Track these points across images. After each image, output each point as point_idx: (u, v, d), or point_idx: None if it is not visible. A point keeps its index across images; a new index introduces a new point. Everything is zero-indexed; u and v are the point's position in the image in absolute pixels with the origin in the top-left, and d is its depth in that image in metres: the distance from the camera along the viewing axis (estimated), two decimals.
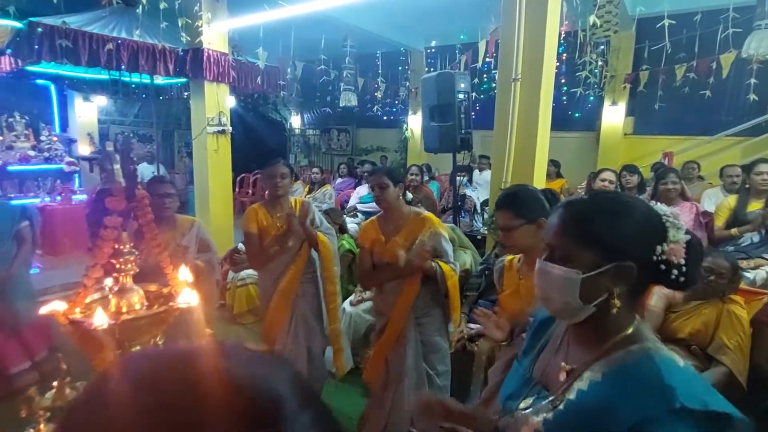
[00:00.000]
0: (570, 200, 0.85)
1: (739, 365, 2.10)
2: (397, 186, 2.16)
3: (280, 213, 2.42)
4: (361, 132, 10.43)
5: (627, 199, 0.82)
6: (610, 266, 0.75)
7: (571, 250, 0.78)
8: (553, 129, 3.51)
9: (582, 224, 0.79)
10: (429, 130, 3.81)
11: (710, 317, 2.21)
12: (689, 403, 0.67)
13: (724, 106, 6.75)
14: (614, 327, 0.78)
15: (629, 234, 0.76)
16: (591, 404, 0.75)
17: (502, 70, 3.36)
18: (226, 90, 5.32)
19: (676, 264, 0.75)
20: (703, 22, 4.53)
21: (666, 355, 0.75)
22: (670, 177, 3.37)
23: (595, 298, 0.76)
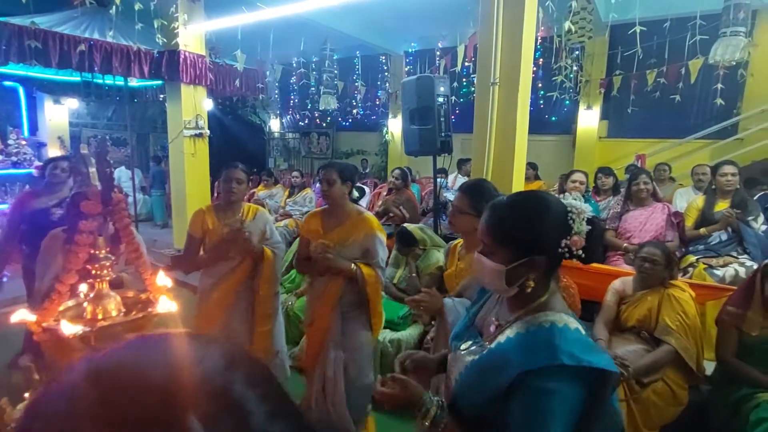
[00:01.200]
0: (493, 204, 1.00)
1: (683, 343, 2.20)
2: (345, 183, 2.18)
3: (230, 219, 2.36)
4: (342, 135, 10.41)
5: (539, 202, 0.97)
6: (525, 260, 0.94)
7: (495, 247, 0.97)
8: (530, 132, 3.57)
9: (501, 227, 0.96)
10: (409, 133, 3.83)
11: (653, 303, 2.33)
12: (566, 360, 0.83)
13: (693, 110, 7.00)
14: (532, 296, 0.98)
15: (540, 234, 0.94)
16: (501, 354, 0.94)
17: (481, 74, 3.40)
18: (204, 92, 5.25)
19: (575, 253, 0.93)
20: (672, 29, 4.68)
21: (562, 321, 0.92)
22: (642, 178, 3.46)
23: (516, 282, 0.96)
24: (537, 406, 0.84)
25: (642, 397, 2.20)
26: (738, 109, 6.94)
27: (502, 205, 0.99)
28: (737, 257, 3.02)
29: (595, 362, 0.84)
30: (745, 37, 4.28)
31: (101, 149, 1.07)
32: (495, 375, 0.91)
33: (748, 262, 2.96)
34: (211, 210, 2.40)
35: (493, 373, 0.92)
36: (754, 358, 2.14)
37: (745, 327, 2.14)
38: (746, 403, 2.05)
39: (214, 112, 7.08)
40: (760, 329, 2.12)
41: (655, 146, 7.22)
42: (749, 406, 2.03)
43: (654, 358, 2.23)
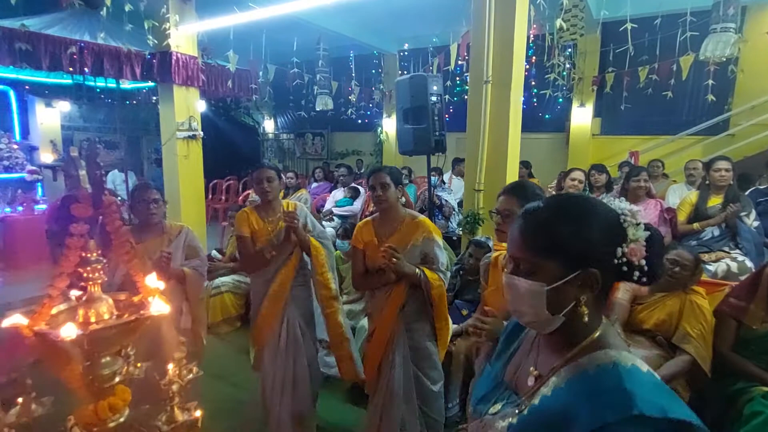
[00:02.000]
0: (528, 209, 0.82)
1: (701, 352, 2.18)
2: (398, 187, 2.13)
3: (272, 217, 2.40)
4: (336, 136, 10.40)
5: (585, 203, 0.80)
6: (574, 275, 0.75)
7: (534, 262, 0.78)
8: (524, 130, 3.59)
9: (542, 235, 0.78)
10: (403, 133, 3.82)
11: (674, 308, 2.29)
12: (647, 410, 0.66)
13: (684, 107, 7.06)
14: (581, 332, 0.78)
15: (590, 240, 0.75)
16: (553, 410, 0.75)
17: (474, 72, 3.42)
18: (196, 94, 5.22)
19: (637, 265, 0.75)
20: (663, 25, 4.72)
21: (629, 361, 0.74)
22: (642, 175, 3.51)
23: (563, 308, 0.76)
24: None
25: None
26: (729, 105, 7.00)
27: (541, 210, 0.80)
28: (729, 252, 3.05)
29: (682, 413, 0.66)
30: (735, 33, 4.31)
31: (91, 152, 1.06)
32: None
33: (740, 257, 2.99)
34: (253, 211, 2.44)
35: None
36: (750, 352, 2.14)
37: (747, 320, 2.14)
38: (741, 397, 2.06)
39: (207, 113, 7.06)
40: (760, 323, 2.13)
41: (648, 143, 7.27)
42: (744, 400, 2.04)
43: (675, 369, 2.17)
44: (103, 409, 1.12)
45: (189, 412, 1.19)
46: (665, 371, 2.16)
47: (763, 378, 2.06)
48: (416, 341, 2.14)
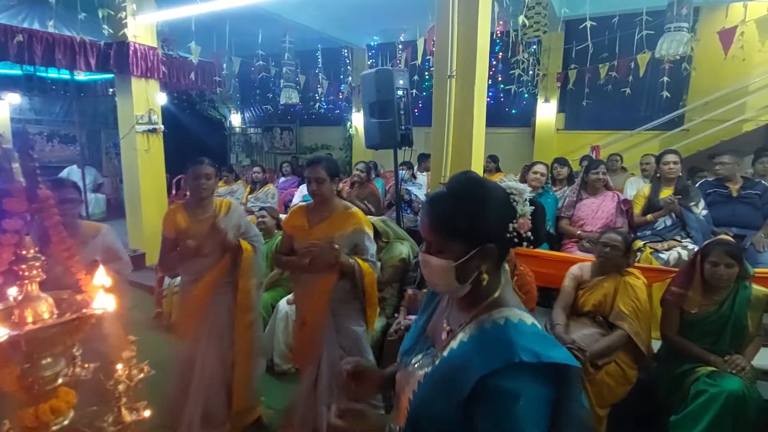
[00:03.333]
0: (432, 197, 0.94)
1: (634, 328, 2.31)
2: (333, 180, 2.14)
3: (202, 216, 2.31)
4: (305, 130, 10.27)
5: (480, 189, 0.91)
6: (476, 251, 0.87)
7: (441, 243, 0.90)
8: (491, 125, 3.64)
9: (446, 221, 0.89)
10: (369, 127, 3.82)
11: (610, 289, 2.44)
12: (525, 357, 0.77)
13: (642, 103, 7.33)
14: (484, 293, 0.91)
15: (487, 222, 0.88)
16: (456, 361, 0.86)
17: (438, 66, 3.43)
18: (156, 86, 5.04)
19: (524, 236, 0.89)
20: (621, 24, 4.87)
21: (517, 316, 0.87)
22: (601, 168, 3.64)
23: (468, 278, 0.89)
24: (503, 412, 0.77)
25: (596, 379, 2.29)
26: (684, 101, 7.32)
27: (444, 197, 0.91)
28: (680, 241, 3.19)
29: (555, 357, 0.78)
30: (688, 33, 4.48)
31: (24, 143, 1.01)
32: (452, 386, 0.82)
33: (690, 245, 3.14)
34: (181, 208, 2.34)
35: (450, 384, 0.83)
36: (694, 335, 2.27)
37: (686, 305, 2.27)
38: (688, 377, 2.18)
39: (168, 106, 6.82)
40: (699, 307, 2.25)
41: (608, 137, 7.51)
42: (690, 380, 2.16)
43: (608, 343, 2.32)
44: (45, 412, 1.07)
45: (137, 412, 1.15)
46: (602, 344, 2.30)
47: (707, 358, 2.18)
48: (343, 326, 2.19)
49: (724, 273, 2.18)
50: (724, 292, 2.23)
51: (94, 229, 2.31)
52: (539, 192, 3.72)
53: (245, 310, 2.39)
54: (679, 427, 2.10)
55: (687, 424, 2.07)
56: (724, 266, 2.18)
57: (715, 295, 2.24)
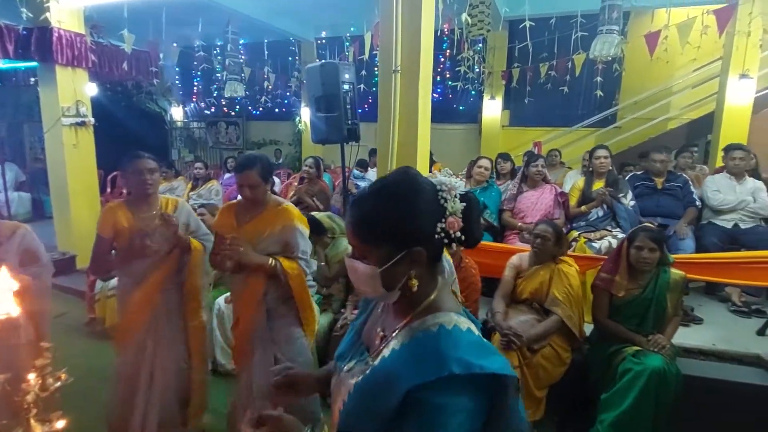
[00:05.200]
0: (355, 200, 0.86)
1: (567, 312, 2.46)
2: (267, 183, 2.04)
3: (147, 213, 2.17)
4: (252, 125, 9.98)
5: (405, 184, 0.83)
6: (402, 255, 0.80)
7: (365, 248, 0.83)
8: (440, 121, 3.70)
9: (367, 224, 0.83)
10: (316, 121, 3.75)
11: (545, 277, 2.57)
12: (456, 369, 0.72)
13: (579, 101, 7.73)
14: (418, 298, 0.85)
15: (412, 223, 0.81)
16: (386, 371, 0.80)
17: (383, 61, 3.43)
18: (85, 76, 4.70)
19: (455, 236, 0.82)
20: (558, 25, 5.10)
21: (451, 322, 0.81)
22: (539, 162, 3.83)
23: (396, 284, 0.83)
24: (431, 426, 0.72)
25: (533, 362, 2.41)
26: (616, 101, 7.80)
27: (366, 200, 0.84)
28: (611, 231, 3.41)
29: (488, 367, 0.73)
30: (618, 35, 4.76)
31: None
32: (382, 396, 0.76)
33: (620, 234, 3.35)
34: (123, 206, 2.17)
35: (379, 394, 0.78)
36: (621, 317, 2.43)
37: (614, 290, 2.43)
38: (616, 357, 2.33)
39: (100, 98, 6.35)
40: (625, 291, 2.41)
41: (549, 134, 7.88)
42: (618, 359, 2.31)
43: (544, 328, 2.45)
44: None
45: (50, 423, 1.06)
46: (538, 329, 2.42)
47: (632, 339, 2.34)
48: (280, 328, 2.12)
49: (647, 257, 2.34)
50: (647, 277, 2.40)
51: (9, 230, 2.13)
52: (484, 186, 3.83)
53: (196, 311, 2.29)
54: (608, 404, 2.24)
55: (615, 401, 2.22)
56: (648, 250, 2.34)
57: (639, 280, 2.41)
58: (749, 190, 3.69)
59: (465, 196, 0.84)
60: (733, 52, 5.40)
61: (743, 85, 5.44)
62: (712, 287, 3.67)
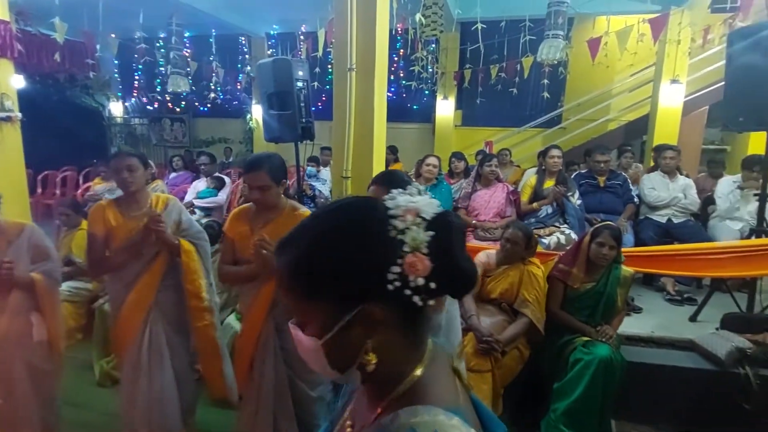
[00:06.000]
0: (280, 243, 0.62)
1: (537, 314, 2.53)
2: (280, 185, 1.93)
3: (136, 212, 2.10)
4: (200, 122, 9.56)
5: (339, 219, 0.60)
6: (347, 319, 0.56)
7: (302, 311, 0.60)
8: (394, 120, 3.70)
9: (293, 277, 0.59)
10: (268, 119, 3.65)
11: (515, 278, 2.61)
12: None
13: (527, 102, 8.02)
14: (389, 378, 0.60)
15: (350, 271, 0.56)
16: None
17: (338, 59, 3.39)
18: (10, 67, 4.28)
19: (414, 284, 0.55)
20: (508, 28, 5.26)
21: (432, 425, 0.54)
22: (493, 161, 3.93)
23: (350, 361, 0.59)
24: None
25: (501, 363, 2.42)
26: (561, 102, 8.17)
27: (290, 238, 0.61)
28: (559, 227, 3.56)
29: None
30: (563, 40, 4.98)
31: None
32: None
33: (567, 230, 3.51)
34: (111, 205, 2.12)
35: None
36: (574, 309, 2.53)
37: (570, 281, 2.52)
38: (567, 347, 2.43)
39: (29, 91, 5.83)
40: (580, 283, 2.52)
41: (500, 134, 8.13)
42: (569, 350, 2.41)
43: (516, 330, 2.46)
44: None
45: None
46: (510, 332, 2.45)
47: (583, 329, 2.46)
48: (290, 343, 2.02)
49: (607, 253, 2.45)
50: (601, 271, 2.52)
51: (17, 228, 2.10)
52: (433, 183, 3.87)
53: (200, 312, 2.18)
54: (561, 393, 2.34)
55: (567, 390, 2.31)
56: (608, 247, 2.45)
57: (594, 274, 2.52)
58: (681, 187, 3.98)
59: (437, 220, 0.58)
60: (665, 58, 5.81)
61: (674, 89, 5.87)
62: (649, 278, 3.94)
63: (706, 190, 4.40)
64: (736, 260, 2.97)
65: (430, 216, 0.58)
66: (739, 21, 4.66)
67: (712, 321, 3.04)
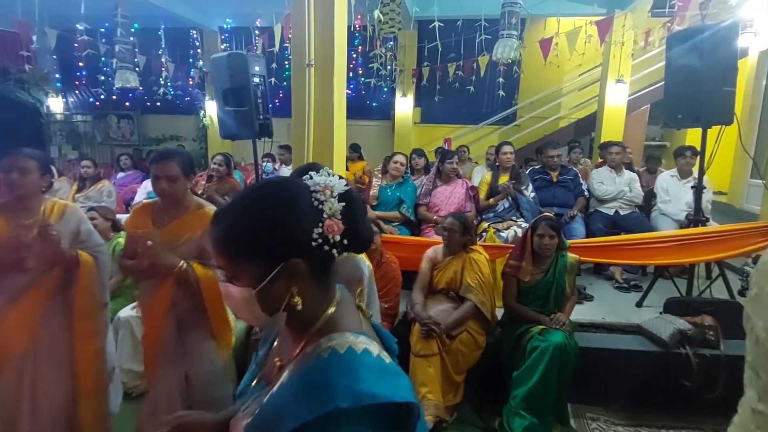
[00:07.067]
0: (216, 213, 0.76)
1: (480, 298, 2.63)
2: (188, 177, 1.88)
3: (26, 219, 1.88)
4: (149, 119, 9.13)
5: (269, 190, 0.75)
6: (278, 270, 0.70)
7: (235, 267, 0.73)
8: (353, 117, 3.68)
9: (234, 241, 0.72)
10: (224, 116, 3.54)
11: (458, 266, 2.71)
12: (344, 402, 0.62)
13: (484, 100, 8.23)
14: (310, 317, 0.75)
15: (282, 233, 0.71)
16: (273, 409, 0.69)
17: (296, 55, 3.33)
18: None
19: (336, 241, 0.72)
20: (464, 27, 5.36)
21: (345, 344, 0.70)
22: (454, 159, 4.01)
23: (277, 305, 0.73)
24: None
25: (452, 348, 2.52)
26: (515, 100, 8.44)
27: (226, 209, 0.75)
28: (516, 221, 3.68)
29: (382, 395, 0.63)
30: (517, 40, 5.13)
31: None
32: None
33: (523, 224, 3.63)
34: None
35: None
36: (528, 300, 2.64)
37: (521, 275, 2.62)
38: (524, 337, 2.52)
39: None
40: (530, 276, 2.61)
41: (458, 131, 8.29)
42: (526, 339, 2.50)
43: (460, 314, 2.57)
44: None
45: None
46: (455, 316, 2.55)
47: (538, 318, 2.56)
48: (191, 342, 1.94)
49: (548, 243, 2.57)
50: (548, 261, 2.63)
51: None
52: (399, 181, 3.91)
53: (87, 336, 1.98)
54: (520, 380, 2.42)
55: (526, 377, 2.40)
56: (548, 237, 2.57)
57: (542, 265, 2.64)
58: (626, 181, 4.22)
59: (345, 194, 0.75)
60: (611, 59, 6.12)
61: (619, 88, 6.20)
62: (599, 267, 4.15)
63: (645, 185, 4.69)
64: (676, 248, 3.19)
65: (340, 191, 0.74)
66: (676, 25, 4.98)
67: (656, 306, 3.25)
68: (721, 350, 2.61)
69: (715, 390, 2.50)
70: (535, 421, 2.35)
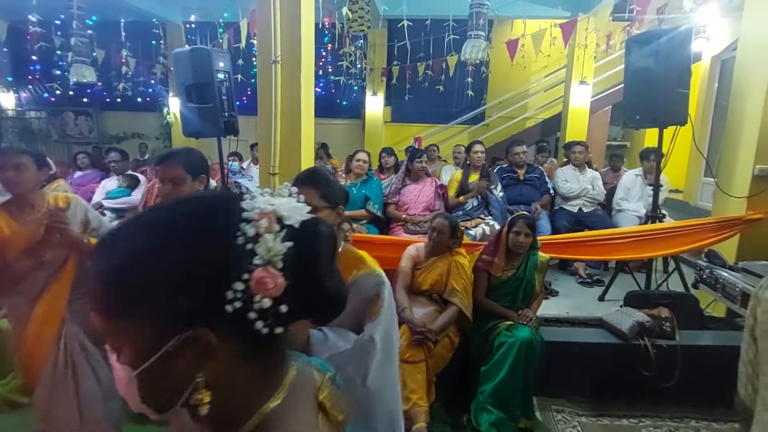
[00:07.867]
0: (99, 243, 0.50)
1: (464, 302, 2.63)
2: (197, 179, 1.77)
3: (31, 215, 1.88)
4: (109, 116, 8.77)
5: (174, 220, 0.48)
6: (170, 345, 0.44)
7: (114, 331, 0.47)
8: (323, 115, 3.64)
9: (114, 288, 0.46)
10: (187, 112, 3.42)
11: (443, 269, 2.69)
12: None
13: (453, 100, 8.33)
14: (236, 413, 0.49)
15: (178, 286, 0.45)
16: None
17: (261, 51, 3.27)
18: None
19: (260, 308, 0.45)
20: (433, 27, 5.40)
21: None
22: (423, 157, 4.06)
23: (172, 398, 0.46)
24: None
25: (434, 352, 2.47)
26: (484, 100, 8.57)
27: (111, 238, 0.49)
28: (484, 219, 3.74)
29: None
30: (484, 40, 5.20)
31: None
32: None
33: (491, 221, 3.69)
34: (1, 210, 1.89)
35: None
36: (497, 295, 2.67)
37: (493, 270, 2.65)
38: (493, 332, 2.55)
39: None
40: (502, 272, 2.65)
41: (428, 130, 8.35)
42: (494, 334, 2.54)
43: (446, 319, 2.52)
44: None
45: None
46: (441, 321, 2.51)
47: (506, 314, 2.60)
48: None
49: (523, 241, 2.61)
50: (520, 258, 2.68)
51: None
52: (364, 179, 3.89)
53: None
54: (487, 375, 2.45)
55: (493, 372, 2.44)
56: (524, 235, 2.61)
57: (514, 261, 2.68)
58: (589, 179, 4.35)
59: (300, 229, 0.49)
60: (575, 61, 6.31)
61: (582, 90, 6.40)
62: (564, 263, 4.27)
63: (609, 183, 4.86)
64: (636, 244, 3.31)
65: (293, 222, 0.48)
66: (635, 29, 5.18)
67: (618, 299, 3.36)
68: (676, 341, 2.73)
69: (671, 379, 2.61)
70: (502, 416, 2.38)
